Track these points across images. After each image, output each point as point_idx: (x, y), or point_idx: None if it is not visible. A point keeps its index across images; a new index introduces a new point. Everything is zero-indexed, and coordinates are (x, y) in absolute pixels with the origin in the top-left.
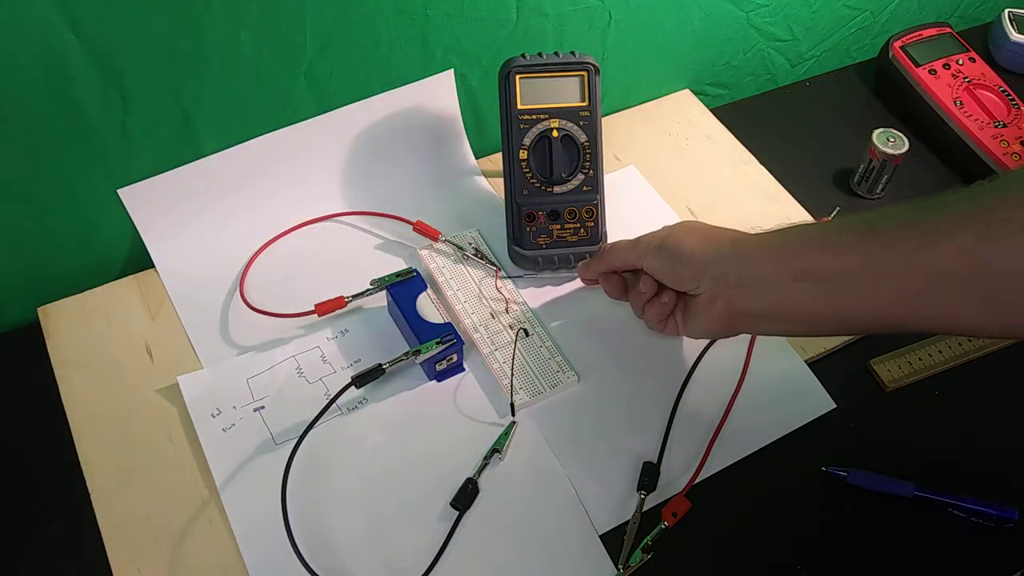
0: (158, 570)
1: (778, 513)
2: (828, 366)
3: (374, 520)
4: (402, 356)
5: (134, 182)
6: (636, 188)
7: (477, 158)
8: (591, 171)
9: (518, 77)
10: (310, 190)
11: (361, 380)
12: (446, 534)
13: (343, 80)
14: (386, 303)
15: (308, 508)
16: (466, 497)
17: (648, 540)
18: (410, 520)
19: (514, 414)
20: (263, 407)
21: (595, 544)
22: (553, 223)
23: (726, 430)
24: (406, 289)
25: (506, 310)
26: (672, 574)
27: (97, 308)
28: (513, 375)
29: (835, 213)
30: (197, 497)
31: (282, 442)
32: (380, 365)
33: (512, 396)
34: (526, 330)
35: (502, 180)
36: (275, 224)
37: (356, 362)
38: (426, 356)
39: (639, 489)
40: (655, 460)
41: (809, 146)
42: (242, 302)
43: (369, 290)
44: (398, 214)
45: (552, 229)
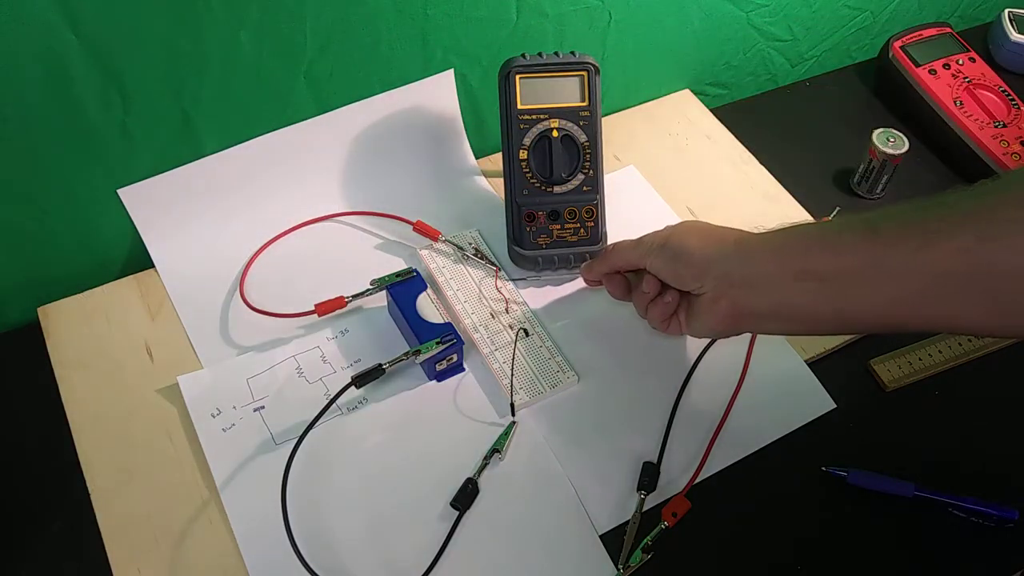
0: (158, 570)
1: (778, 513)
2: (828, 366)
3: (374, 520)
4: (402, 356)
5: (134, 182)
6: (636, 188)
7: (477, 158)
8: (591, 171)
9: (518, 77)
10: (310, 190)
11: (361, 380)
12: (446, 534)
13: (343, 80)
14: (386, 303)
15: (308, 508)
16: (466, 497)
17: (648, 540)
18: (410, 520)
19: (514, 414)
20: (263, 407)
21: (595, 544)
22: (553, 223)
23: (726, 430)
24: (406, 289)
25: (506, 310)
26: (672, 574)
27: (97, 308)
28: (513, 375)
29: (835, 213)
30: (197, 497)
31: (282, 442)
32: (380, 365)
33: (512, 396)
34: (526, 330)
35: (502, 180)
36: (275, 224)
37: (356, 362)
38: (426, 356)
39: (639, 489)
40: (655, 460)
41: (809, 146)
42: (242, 302)
43: (369, 290)
44: (398, 214)
45: (552, 229)
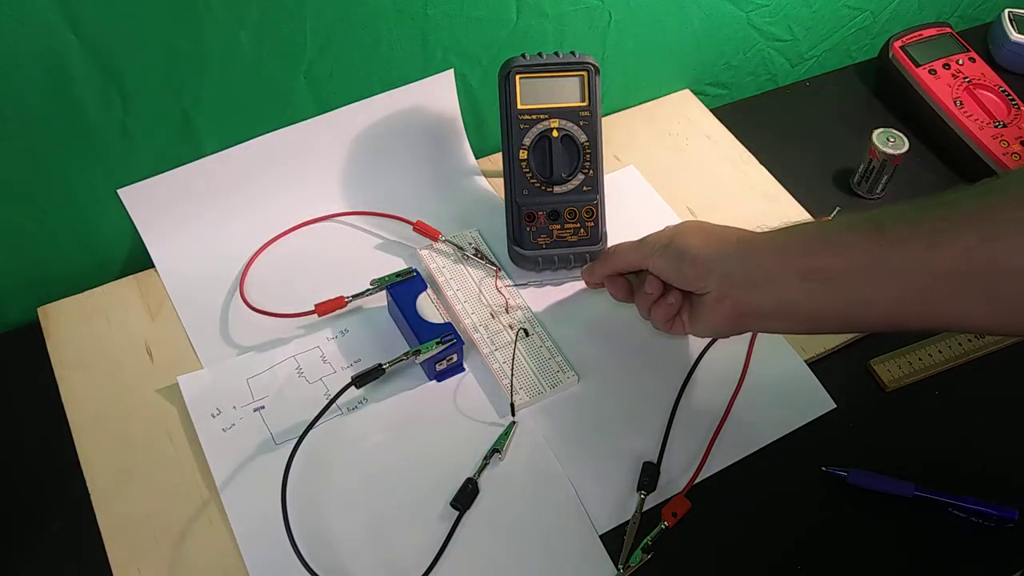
0: (158, 570)
1: (778, 513)
2: (828, 366)
3: (374, 520)
4: (402, 356)
5: (134, 182)
6: (636, 188)
7: (477, 158)
8: (591, 171)
9: (518, 77)
10: (310, 190)
11: (361, 380)
12: (446, 534)
13: (343, 80)
14: (386, 303)
15: (308, 508)
16: (466, 497)
17: (648, 540)
18: (410, 520)
19: (514, 414)
20: (263, 407)
21: (595, 544)
22: (553, 223)
23: (726, 430)
24: (406, 289)
25: (506, 310)
26: (672, 574)
27: (97, 308)
28: (513, 375)
29: (835, 213)
30: (197, 497)
31: (282, 442)
32: (380, 365)
33: (512, 396)
34: (526, 330)
35: (502, 180)
36: (275, 224)
37: (356, 362)
38: (426, 356)
39: (639, 489)
40: (655, 460)
41: (809, 146)
42: (242, 302)
43: (369, 290)
44: (398, 214)
45: (552, 229)
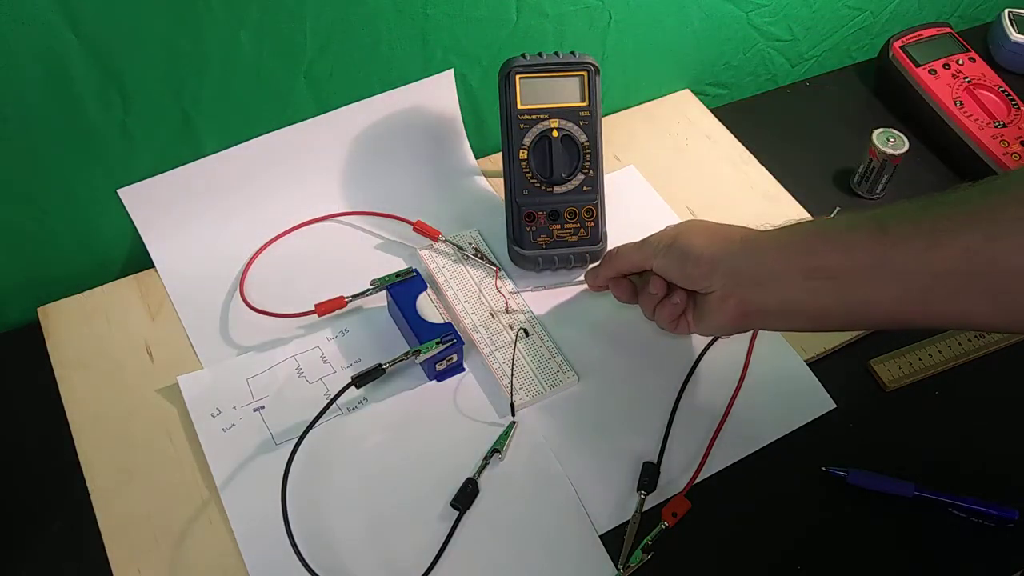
0: (158, 570)
1: (778, 513)
2: (828, 366)
3: (374, 520)
4: (402, 356)
5: (134, 182)
6: (636, 188)
7: (477, 158)
8: (591, 171)
9: (518, 77)
10: (310, 190)
11: (361, 380)
12: (446, 534)
13: (343, 80)
14: (386, 303)
15: (308, 508)
16: (466, 497)
17: (648, 540)
18: (410, 520)
19: (514, 414)
20: (263, 407)
21: (595, 544)
22: (553, 223)
23: (726, 430)
24: (406, 289)
25: (506, 310)
26: (672, 574)
27: (97, 308)
28: (513, 375)
29: (835, 213)
30: (197, 497)
31: (282, 442)
32: (380, 365)
33: (512, 396)
34: (526, 330)
35: (502, 180)
36: (275, 224)
37: (356, 362)
38: (426, 356)
39: (639, 489)
40: (655, 460)
41: (809, 146)
42: (242, 302)
43: (369, 290)
44: (398, 214)
45: (552, 229)
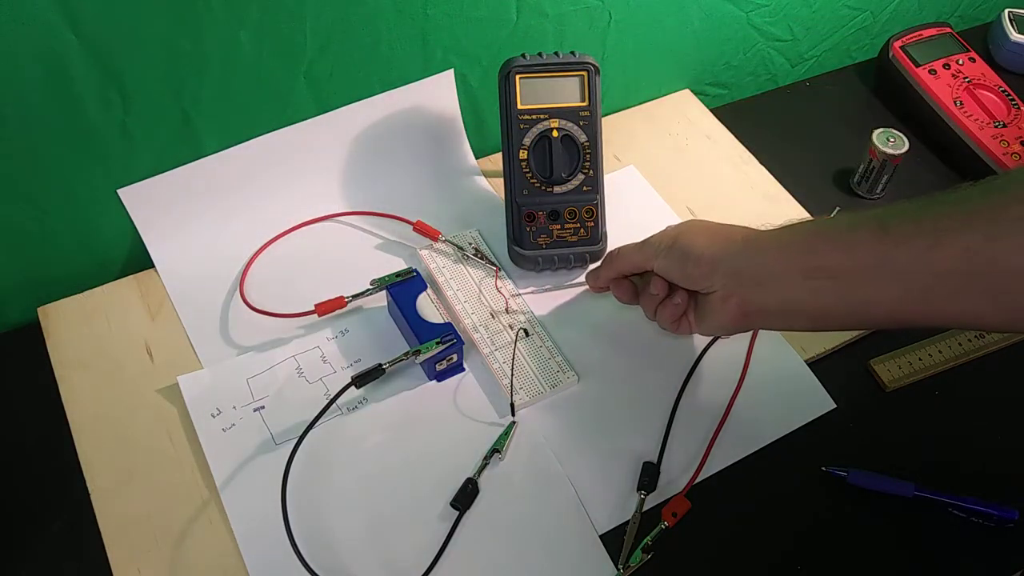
0: (158, 570)
1: (778, 513)
2: (828, 366)
3: (374, 520)
4: (402, 356)
5: (134, 182)
6: (636, 188)
7: (477, 158)
8: (591, 171)
9: (518, 77)
10: (310, 190)
11: (361, 380)
12: (446, 534)
13: (343, 80)
14: (386, 303)
15: (308, 508)
16: (466, 497)
17: (648, 540)
18: (410, 520)
19: (514, 414)
20: (263, 407)
21: (595, 544)
22: (553, 223)
23: (726, 430)
24: (406, 289)
25: (506, 310)
26: (672, 574)
27: (97, 308)
28: (513, 375)
29: (835, 213)
30: (197, 497)
31: (282, 442)
32: (380, 365)
33: (512, 396)
34: (526, 330)
35: (502, 180)
36: (275, 224)
37: (356, 362)
38: (426, 356)
39: (639, 489)
40: (655, 460)
41: (809, 146)
42: (242, 302)
43: (369, 290)
44: (398, 214)
45: (552, 229)
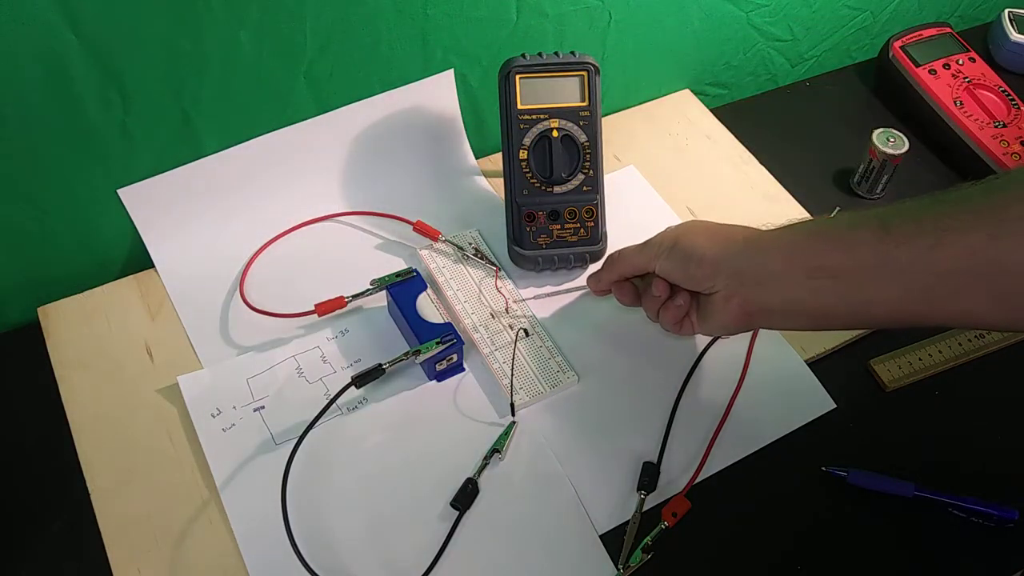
0: (158, 570)
1: (778, 513)
2: (828, 366)
3: (374, 520)
4: (402, 356)
5: (134, 182)
6: (636, 188)
7: (477, 158)
8: (591, 171)
9: (518, 77)
10: (310, 190)
11: (361, 380)
12: (446, 534)
13: (343, 80)
14: (386, 303)
15: (308, 508)
16: (466, 497)
17: (648, 540)
18: (410, 520)
19: (514, 414)
20: (263, 407)
21: (595, 544)
22: (553, 223)
23: (726, 430)
24: (406, 289)
25: (506, 310)
26: (672, 574)
27: (97, 308)
28: (513, 375)
29: (835, 213)
30: (197, 497)
31: (282, 442)
32: (380, 365)
33: (512, 396)
34: (526, 330)
35: (502, 180)
36: (275, 224)
37: (356, 362)
38: (426, 356)
39: (639, 489)
40: (655, 460)
41: (809, 146)
42: (242, 302)
43: (369, 290)
44: (398, 214)
45: (552, 229)
